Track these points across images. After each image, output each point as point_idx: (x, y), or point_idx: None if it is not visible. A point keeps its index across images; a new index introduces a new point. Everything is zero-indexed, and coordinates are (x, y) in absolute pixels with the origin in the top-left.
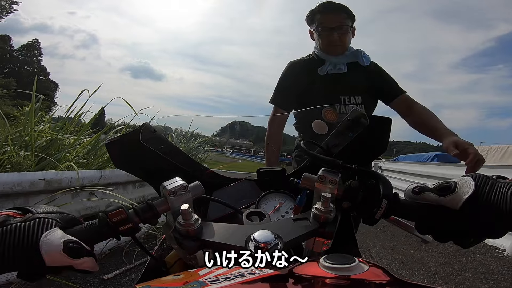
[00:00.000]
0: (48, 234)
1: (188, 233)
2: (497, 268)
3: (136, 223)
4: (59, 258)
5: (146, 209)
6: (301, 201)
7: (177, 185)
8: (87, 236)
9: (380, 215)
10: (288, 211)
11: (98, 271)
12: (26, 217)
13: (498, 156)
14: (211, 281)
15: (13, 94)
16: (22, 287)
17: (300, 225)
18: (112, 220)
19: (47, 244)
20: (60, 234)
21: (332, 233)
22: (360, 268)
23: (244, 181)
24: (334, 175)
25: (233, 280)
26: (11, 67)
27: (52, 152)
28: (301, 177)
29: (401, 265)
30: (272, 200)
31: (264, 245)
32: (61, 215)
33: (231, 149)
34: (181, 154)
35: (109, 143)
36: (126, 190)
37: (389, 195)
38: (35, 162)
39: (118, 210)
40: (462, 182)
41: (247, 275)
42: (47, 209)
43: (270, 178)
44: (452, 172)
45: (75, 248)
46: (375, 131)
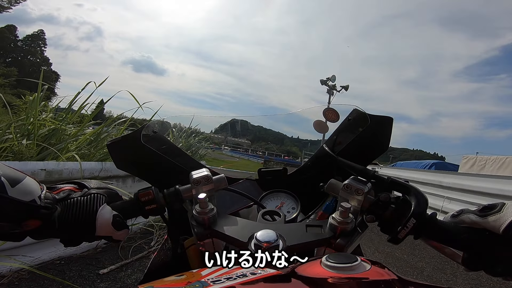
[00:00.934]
0: (102, 209)
1: (204, 221)
2: (488, 275)
3: (162, 204)
4: (107, 229)
5: (172, 193)
6: (328, 208)
7: (202, 175)
8: (124, 211)
9: (404, 235)
10: (289, 210)
11: (93, 265)
12: (84, 192)
13: (495, 167)
14: (213, 281)
15: (13, 83)
16: (15, 281)
17: (311, 232)
18: (141, 200)
19: (102, 217)
20: (109, 209)
21: (344, 245)
22: (363, 267)
23: (245, 181)
24: (361, 185)
25: (235, 280)
26: (14, 56)
27: (54, 142)
28: (306, 177)
29: (395, 269)
30: (274, 200)
31: (265, 245)
32: (107, 191)
33: (229, 147)
34: (182, 154)
35: (110, 144)
36: (126, 184)
37: (420, 214)
38: (37, 152)
39: (147, 191)
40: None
41: (249, 275)
42: (97, 185)
43: (272, 177)
44: (449, 180)
45: (120, 222)
46: (377, 130)
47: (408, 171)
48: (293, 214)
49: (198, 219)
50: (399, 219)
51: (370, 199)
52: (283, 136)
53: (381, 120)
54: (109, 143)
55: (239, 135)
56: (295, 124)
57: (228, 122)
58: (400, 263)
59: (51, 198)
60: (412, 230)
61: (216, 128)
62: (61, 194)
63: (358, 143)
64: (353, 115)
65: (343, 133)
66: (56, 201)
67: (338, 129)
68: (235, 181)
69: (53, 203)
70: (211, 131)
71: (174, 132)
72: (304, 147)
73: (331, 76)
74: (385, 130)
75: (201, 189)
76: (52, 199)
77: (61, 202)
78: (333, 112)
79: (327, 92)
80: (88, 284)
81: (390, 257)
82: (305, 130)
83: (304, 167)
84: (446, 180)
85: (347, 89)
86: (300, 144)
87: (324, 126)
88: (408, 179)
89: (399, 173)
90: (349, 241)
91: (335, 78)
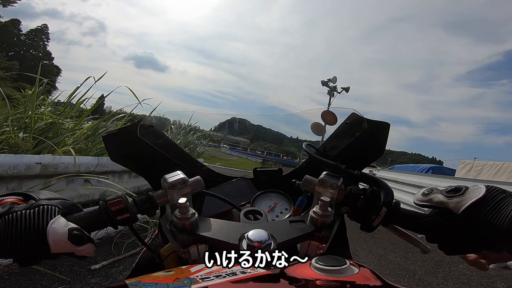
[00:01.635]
0: (53, 222)
1: (184, 226)
2: (477, 278)
3: (134, 213)
4: (63, 246)
5: (145, 200)
6: (301, 203)
7: (178, 179)
8: (86, 223)
9: (378, 223)
10: (283, 211)
11: (85, 261)
12: (30, 204)
13: (492, 172)
14: (202, 278)
15: (15, 76)
16: (5, 275)
17: (296, 227)
18: (111, 209)
19: (53, 232)
20: (64, 222)
21: (327, 237)
22: (351, 271)
23: (240, 180)
24: (335, 180)
25: (224, 278)
26: (17, 50)
27: (51, 136)
28: (301, 178)
29: (387, 271)
30: (268, 200)
31: (257, 244)
32: (62, 202)
33: (228, 145)
34: (178, 149)
35: (105, 136)
36: (122, 180)
37: (389, 203)
38: (33, 145)
39: (117, 200)
40: (474, 188)
41: (238, 273)
42: (48, 195)
43: (267, 177)
44: (446, 184)
45: (79, 236)
46: (373, 135)
47: (406, 174)
48: (286, 214)
49: (178, 225)
50: (370, 208)
51: (343, 192)
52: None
53: (378, 125)
54: (104, 135)
55: (238, 134)
56: (295, 125)
57: (227, 120)
58: (392, 265)
59: None
60: (384, 218)
61: (215, 126)
62: (0, 209)
63: (354, 147)
64: (351, 118)
65: (340, 136)
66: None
67: (335, 132)
68: (230, 179)
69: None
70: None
71: (172, 129)
72: (302, 148)
73: (332, 78)
74: (382, 135)
75: (177, 194)
76: None
77: (1, 218)
78: (331, 115)
79: (328, 93)
80: (79, 279)
81: (383, 260)
82: (305, 131)
83: (300, 168)
84: (443, 184)
85: (348, 90)
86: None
87: (321, 129)
88: (405, 182)
89: (396, 176)
90: (331, 233)
91: (336, 79)
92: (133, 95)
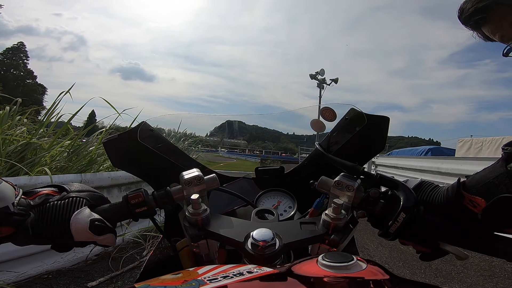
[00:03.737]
0: (78, 213)
1: (196, 222)
2: (500, 264)
3: (152, 206)
4: (85, 235)
5: (163, 195)
6: (318, 205)
7: (193, 176)
8: (110, 214)
9: (395, 229)
10: (286, 209)
11: (82, 278)
12: (62, 196)
13: (492, 149)
14: (209, 279)
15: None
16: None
17: (306, 229)
18: (131, 202)
19: (76, 222)
20: (88, 213)
21: (338, 241)
22: (358, 267)
23: (242, 180)
24: (352, 182)
25: (232, 278)
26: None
27: (29, 157)
28: (302, 176)
29: (401, 263)
30: (271, 199)
31: (261, 243)
32: (90, 194)
33: (226, 149)
34: (179, 152)
35: (106, 142)
36: (111, 194)
37: (409, 208)
38: (6, 168)
39: (136, 193)
40: None
41: (245, 273)
42: (79, 188)
43: (269, 176)
44: (447, 166)
45: (99, 226)
46: (373, 129)
47: (404, 159)
48: (290, 213)
49: (191, 220)
50: (389, 214)
51: (360, 195)
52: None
53: (377, 120)
54: (105, 140)
55: (235, 136)
56: (290, 121)
57: (223, 123)
58: (405, 256)
59: (25, 204)
60: (402, 224)
61: (211, 131)
62: (37, 200)
63: (355, 142)
64: (350, 114)
65: (340, 132)
66: (30, 207)
67: (334, 128)
68: (232, 180)
69: (27, 209)
70: (206, 134)
71: None
72: (300, 143)
73: (319, 70)
74: (382, 129)
75: (193, 190)
76: (26, 205)
77: (36, 208)
78: (330, 111)
79: (317, 86)
80: None
81: (395, 251)
82: (300, 126)
83: (301, 166)
84: (444, 166)
85: (337, 81)
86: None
87: (321, 125)
88: (405, 167)
89: (396, 161)
90: (342, 237)
91: (324, 72)
92: (120, 109)
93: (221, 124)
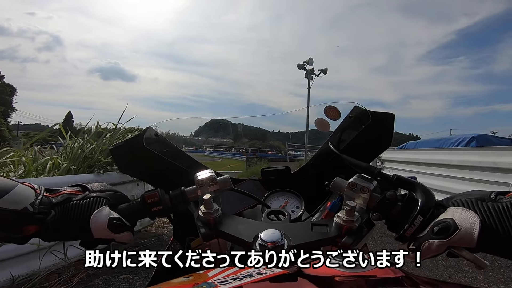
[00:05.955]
0: (97, 212)
1: (208, 221)
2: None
3: (168, 206)
4: (104, 232)
5: (178, 194)
6: (334, 207)
7: (207, 176)
8: (128, 213)
9: (411, 233)
10: (294, 209)
11: None
12: (84, 195)
13: None
14: (220, 282)
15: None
16: None
17: (317, 231)
18: (147, 201)
19: (95, 220)
20: (107, 212)
21: (350, 244)
22: (370, 265)
23: (249, 181)
24: (367, 183)
25: (242, 280)
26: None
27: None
28: (308, 175)
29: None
30: (278, 199)
31: (269, 244)
32: (111, 194)
33: (211, 148)
34: (186, 157)
35: (113, 148)
36: None
37: (427, 211)
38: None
39: (153, 193)
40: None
41: (255, 275)
42: (100, 187)
43: (275, 177)
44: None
45: (118, 225)
46: (378, 126)
47: (430, 152)
48: (298, 213)
49: (204, 220)
50: (406, 216)
51: (376, 197)
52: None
53: (382, 117)
54: (112, 147)
55: (220, 135)
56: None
57: (207, 123)
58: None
59: (47, 202)
60: (419, 227)
61: (195, 130)
62: (59, 198)
63: (361, 140)
64: (354, 112)
65: (345, 130)
66: (52, 206)
67: (340, 126)
68: (238, 182)
69: (49, 207)
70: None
71: None
72: (286, 140)
73: (308, 59)
74: (387, 126)
75: (207, 190)
76: (48, 203)
77: (58, 206)
78: (334, 110)
79: (305, 76)
80: None
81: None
82: (285, 123)
83: (307, 165)
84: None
85: (326, 72)
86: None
87: (326, 124)
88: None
89: (415, 156)
90: (355, 240)
91: (313, 61)
92: (101, 109)
93: (206, 123)
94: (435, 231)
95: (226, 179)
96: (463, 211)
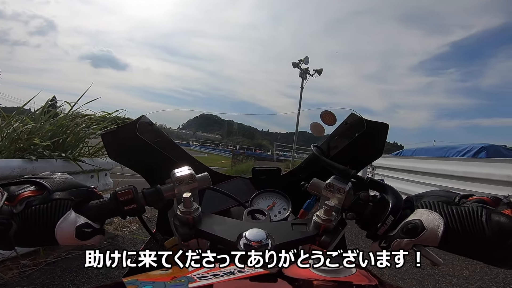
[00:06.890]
0: (62, 221)
1: (188, 220)
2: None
3: (142, 204)
4: (71, 242)
5: (153, 192)
6: (308, 206)
7: (185, 174)
8: (98, 212)
9: (383, 231)
10: (281, 211)
11: None
12: (44, 197)
13: None
14: (199, 277)
15: None
16: None
17: (297, 230)
18: (120, 199)
19: (61, 230)
20: (73, 219)
21: (328, 243)
22: (348, 271)
23: (238, 179)
24: (343, 184)
25: (222, 277)
26: None
27: None
28: (299, 178)
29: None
30: (266, 199)
31: (254, 244)
32: (74, 192)
33: (198, 143)
34: (178, 148)
35: (104, 134)
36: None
37: (397, 211)
38: None
39: (126, 191)
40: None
41: (236, 272)
42: (62, 184)
43: (265, 177)
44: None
45: (86, 233)
46: (372, 135)
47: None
48: (284, 214)
49: (182, 219)
50: (378, 216)
51: (351, 198)
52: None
53: (377, 126)
54: (103, 133)
55: (209, 130)
56: (264, 118)
57: (196, 116)
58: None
59: (8, 212)
60: (390, 226)
61: (184, 124)
62: (18, 207)
63: (353, 147)
64: (350, 119)
65: (339, 136)
66: (12, 216)
67: (334, 132)
68: (228, 178)
69: (9, 218)
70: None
71: None
72: (274, 140)
73: (304, 58)
74: (380, 136)
75: (184, 188)
76: (9, 213)
77: (18, 215)
78: (331, 115)
79: (300, 75)
80: None
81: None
82: (274, 124)
83: (298, 168)
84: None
85: (321, 73)
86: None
87: (321, 129)
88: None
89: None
90: (332, 238)
91: (308, 60)
92: (88, 94)
93: (195, 117)
94: (404, 230)
95: (205, 177)
96: (430, 213)
